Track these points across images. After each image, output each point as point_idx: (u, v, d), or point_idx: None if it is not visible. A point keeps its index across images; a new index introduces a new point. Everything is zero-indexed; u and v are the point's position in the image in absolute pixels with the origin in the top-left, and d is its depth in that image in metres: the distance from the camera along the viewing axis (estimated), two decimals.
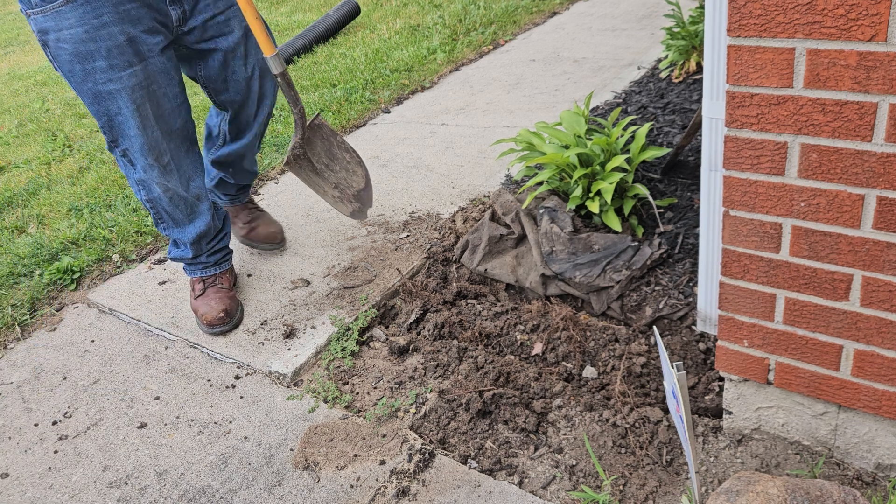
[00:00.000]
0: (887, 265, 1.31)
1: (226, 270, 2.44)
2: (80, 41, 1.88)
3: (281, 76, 2.10)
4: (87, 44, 1.88)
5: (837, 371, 1.46)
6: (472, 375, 2.00)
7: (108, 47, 1.90)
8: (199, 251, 2.37)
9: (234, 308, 2.37)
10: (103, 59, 1.91)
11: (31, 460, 1.98)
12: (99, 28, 1.88)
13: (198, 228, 2.31)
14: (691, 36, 3.37)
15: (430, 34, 5.10)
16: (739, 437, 1.70)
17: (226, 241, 2.45)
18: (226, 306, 2.33)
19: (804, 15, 1.20)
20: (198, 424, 2.03)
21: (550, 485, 1.69)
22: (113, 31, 1.90)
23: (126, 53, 1.93)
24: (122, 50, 1.92)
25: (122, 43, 1.91)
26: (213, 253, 2.40)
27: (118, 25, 1.91)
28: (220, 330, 2.32)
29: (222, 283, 2.41)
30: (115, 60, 1.92)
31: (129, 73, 1.95)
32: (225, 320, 2.32)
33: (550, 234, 2.29)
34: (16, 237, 3.16)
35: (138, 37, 1.94)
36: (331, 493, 1.75)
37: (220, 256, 2.43)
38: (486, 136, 3.44)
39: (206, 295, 2.37)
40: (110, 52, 1.91)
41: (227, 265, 2.46)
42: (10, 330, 2.55)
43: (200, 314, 2.35)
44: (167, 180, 2.17)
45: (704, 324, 1.91)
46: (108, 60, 1.92)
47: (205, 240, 2.36)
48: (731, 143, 1.37)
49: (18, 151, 4.29)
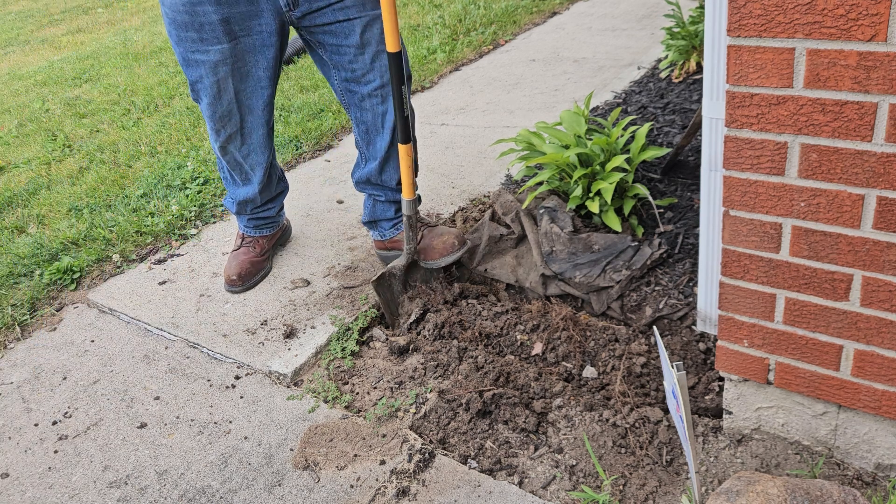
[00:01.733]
0: (887, 265, 1.31)
1: (263, 237, 2.64)
2: (178, 11, 2.05)
3: (410, 218, 2.25)
4: (183, 15, 2.05)
5: (837, 371, 1.46)
6: (472, 375, 2.00)
7: (200, 23, 2.04)
8: (242, 212, 2.58)
9: (251, 274, 2.57)
10: (195, 32, 2.07)
11: (31, 460, 1.98)
12: (196, 4, 2.03)
13: (245, 194, 2.52)
14: (691, 36, 3.37)
15: (430, 34, 5.11)
16: (739, 437, 1.70)
17: (270, 213, 2.61)
18: (241, 270, 2.55)
19: (804, 15, 1.20)
20: (198, 424, 2.03)
21: (550, 485, 1.69)
22: (207, 10, 2.03)
23: (217, 31, 2.07)
24: (213, 28, 2.06)
25: (214, 21, 2.05)
26: (254, 219, 2.60)
27: (213, 5, 2.04)
28: (230, 289, 2.56)
29: (254, 246, 2.62)
30: (205, 35, 2.07)
31: (217, 49, 2.09)
32: (236, 283, 2.55)
33: (550, 234, 2.29)
34: (16, 237, 3.16)
35: (232, 17, 2.07)
36: (331, 493, 1.75)
37: (261, 223, 2.62)
38: (486, 136, 3.44)
39: (236, 253, 2.61)
40: (202, 27, 2.06)
41: (265, 232, 2.64)
42: (10, 330, 2.55)
43: (223, 269, 2.62)
44: (229, 144, 2.35)
45: (704, 324, 1.91)
46: (200, 34, 2.07)
47: (249, 205, 2.55)
48: (731, 143, 1.37)
49: (18, 151, 4.29)
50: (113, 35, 7.15)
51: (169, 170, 3.52)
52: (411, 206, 2.24)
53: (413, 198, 2.23)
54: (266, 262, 2.64)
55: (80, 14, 8.62)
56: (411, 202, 2.24)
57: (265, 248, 2.65)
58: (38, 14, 9.07)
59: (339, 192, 3.15)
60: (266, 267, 2.64)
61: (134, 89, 5.11)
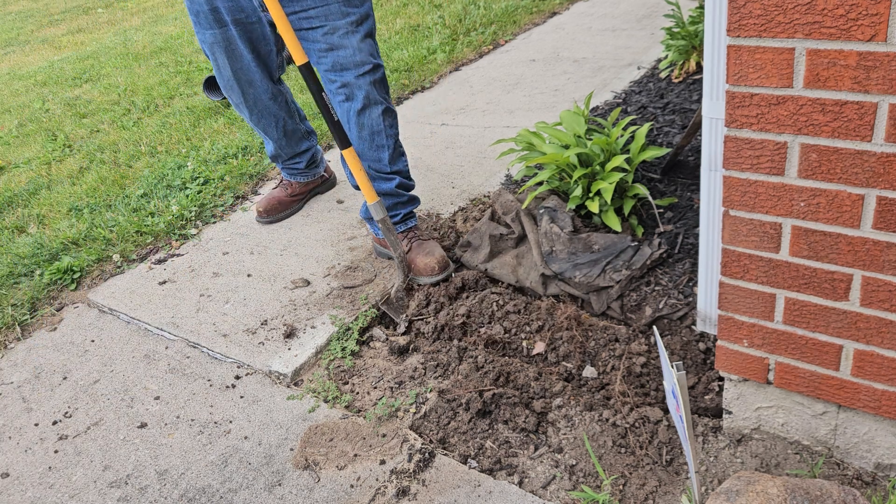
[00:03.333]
0: (887, 265, 1.31)
1: (296, 182, 3.04)
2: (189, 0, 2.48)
3: (381, 222, 2.32)
4: (190, 3, 2.46)
5: (837, 371, 1.46)
6: (472, 375, 2.00)
7: (197, 10, 2.45)
8: (275, 161, 3.00)
9: (276, 209, 2.99)
10: (194, 17, 2.49)
11: (31, 460, 1.98)
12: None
13: (269, 150, 2.94)
14: (691, 36, 3.37)
15: (430, 34, 5.11)
16: (739, 436, 1.70)
17: (298, 166, 2.98)
18: (269, 205, 2.98)
19: (804, 15, 1.20)
20: (198, 424, 2.03)
21: (550, 484, 1.69)
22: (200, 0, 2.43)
23: (209, 18, 2.45)
24: (206, 15, 2.45)
25: (206, 10, 2.43)
26: (287, 168, 3.00)
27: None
28: (258, 219, 2.99)
29: (287, 188, 3.03)
30: (202, 20, 2.47)
31: (211, 33, 2.49)
32: (262, 214, 2.98)
33: (550, 234, 2.29)
34: (16, 237, 3.17)
35: (220, 7, 2.44)
36: (331, 493, 1.75)
37: (293, 172, 3.01)
38: (486, 136, 3.44)
39: (273, 191, 3.05)
40: (199, 14, 2.46)
41: (298, 179, 3.03)
42: (10, 330, 2.55)
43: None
44: (239, 110, 2.76)
45: (704, 324, 1.91)
46: (198, 19, 2.48)
47: (277, 159, 2.96)
48: (730, 143, 1.37)
49: (19, 151, 4.29)
50: (113, 35, 7.15)
51: (169, 170, 3.52)
52: (378, 209, 2.29)
53: (376, 201, 2.30)
54: (295, 204, 3.04)
55: (81, 14, 8.62)
56: (377, 205, 2.29)
57: (297, 191, 3.04)
58: (38, 14, 9.07)
59: (339, 192, 3.15)
60: (294, 208, 3.04)
61: (134, 89, 5.11)
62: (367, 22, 2.34)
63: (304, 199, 3.09)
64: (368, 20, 2.35)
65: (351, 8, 2.28)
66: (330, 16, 2.28)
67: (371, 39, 2.38)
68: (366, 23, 2.34)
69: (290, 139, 2.88)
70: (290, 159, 2.95)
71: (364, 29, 2.34)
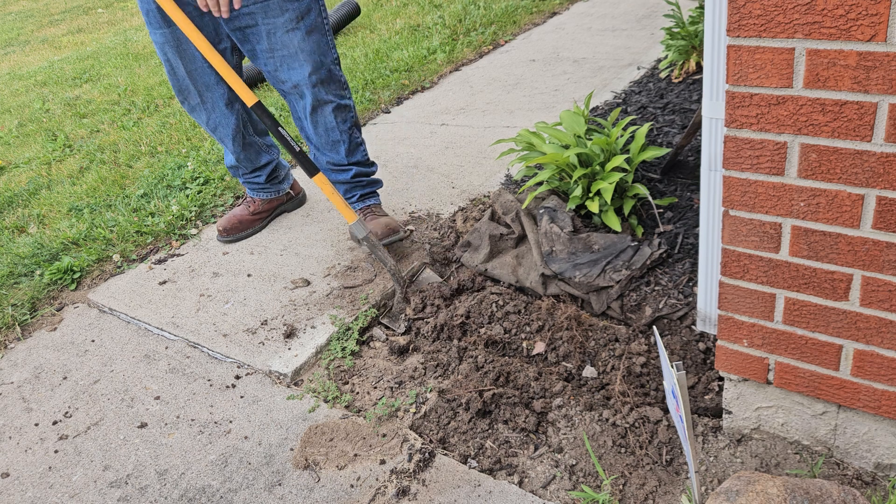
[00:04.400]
0: (887, 265, 1.31)
1: (258, 199, 2.90)
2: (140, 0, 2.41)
3: (365, 240, 2.35)
4: (141, 3, 2.38)
5: (837, 371, 1.46)
6: (472, 375, 2.00)
7: (147, 9, 2.36)
8: (235, 174, 2.87)
9: (236, 229, 2.85)
10: (145, 16, 2.41)
11: (31, 460, 1.99)
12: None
13: (227, 161, 2.82)
14: (691, 36, 3.37)
15: (430, 34, 5.11)
16: (739, 436, 1.70)
17: (258, 180, 2.84)
18: (228, 224, 2.85)
19: (804, 15, 1.20)
20: (198, 424, 2.03)
21: (550, 484, 1.70)
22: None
23: (157, 17, 2.36)
24: (154, 14, 2.36)
25: (154, 8, 2.34)
26: (248, 182, 2.87)
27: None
28: (218, 238, 2.87)
29: (249, 205, 2.90)
30: (151, 19, 2.38)
31: (160, 32, 2.39)
32: (223, 234, 2.86)
33: (550, 234, 2.29)
34: (16, 237, 3.17)
35: None
36: (331, 493, 1.75)
37: (254, 187, 2.88)
38: (486, 136, 3.44)
39: (234, 209, 2.93)
40: (148, 13, 2.37)
41: (261, 195, 2.89)
42: (10, 330, 2.55)
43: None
44: (195, 116, 2.62)
45: (704, 324, 1.91)
46: (149, 18, 2.39)
47: (236, 171, 2.83)
48: (730, 143, 1.37)
49: (19, 151, 4.30)
50: (113, 35, 7.15)
51: (169, 170, 3.52)
52: (359, 228, 2.33)
53: (355, 220, 2.33)
54: (258, 223, 2.91)
55: (81, 14, 8.62)
56: (357, 225, 2.33)
57: (259, 209, 2.90)
58: (38, 14, 9.07)
59: None
60: (256, 227, 2.90)
61: (134, 89, 5.11)
62: (308, 17, 2.29)
63: (268, 217, 2.94)
64: (310, 15, 2.30)
65: (289, 3, 2.24)
66: (269, 11, 2.25)
67: (317, 35, 2.33)
68: (307, 18, 2.28)
69: (250, 151, 2.75)
70: (250, 173, 2.82)
71: (306, 25, 2.29)
